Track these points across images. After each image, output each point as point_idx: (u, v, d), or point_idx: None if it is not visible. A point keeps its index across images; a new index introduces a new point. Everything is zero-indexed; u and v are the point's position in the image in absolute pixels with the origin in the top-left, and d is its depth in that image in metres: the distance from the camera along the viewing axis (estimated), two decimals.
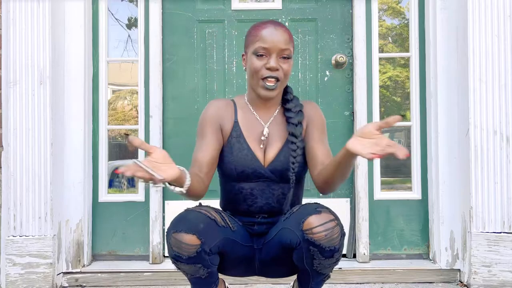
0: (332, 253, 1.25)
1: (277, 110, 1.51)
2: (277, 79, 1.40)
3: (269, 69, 1.38)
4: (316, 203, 1.34)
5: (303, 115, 1.48)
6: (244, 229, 1.48)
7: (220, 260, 1.39)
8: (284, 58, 1.40)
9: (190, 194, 1.31)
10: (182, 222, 1.27)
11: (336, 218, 1.27)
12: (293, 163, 1.42)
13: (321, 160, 1.43)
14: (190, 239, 1.24)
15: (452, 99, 2.23)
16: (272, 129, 1.48)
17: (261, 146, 1.46)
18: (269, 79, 1.39)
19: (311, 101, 1.56)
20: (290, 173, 1.42)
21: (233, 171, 1.45)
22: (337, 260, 1.30)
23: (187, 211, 1.32)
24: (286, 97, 1.50)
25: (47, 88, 2.13)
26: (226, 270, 1.47)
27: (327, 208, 1.29)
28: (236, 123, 1.48)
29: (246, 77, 1.48)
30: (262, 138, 1.46)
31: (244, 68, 1.48)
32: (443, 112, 2.23)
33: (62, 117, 2.25)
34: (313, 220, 1.24)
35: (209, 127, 1.47)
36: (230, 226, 1.38)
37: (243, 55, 1.49)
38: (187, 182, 1.25)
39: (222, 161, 1.47)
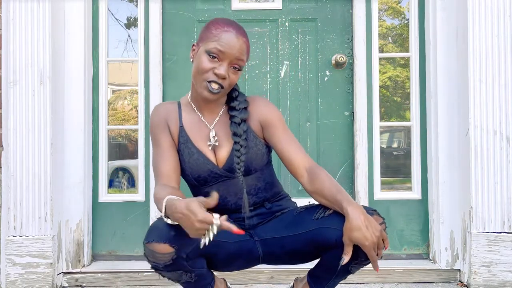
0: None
1: (222, 110, 1.48)
2: (222, 86, 1.36)
3: (216, 75, 1.34)
4: (364, 205, 1.34)
5: (247, 113, 1.44)
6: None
7: (211, 260, 1.39)
8: (235, 68, 1.37)
9: None
10: (153, 232, 1.26)
11: (384, 221, 1.29)
12: (238, 163, 1.39)
13: (302, 165, 1.40)
14: (162, 248, 1.23)
15: (452, 99, 2.23)
16: (219, 129, 1.46)
17: (209, 148, 1.44)
18: (213, 83, 1.35)
19: (261, 97, 1.50)
20: (236, 173, 1.41)
21: (190, 177, 1.44)
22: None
23: (159, 219, 1.31)
24: (231, 95, 1.46)
25: (47, 88, 2.13)
26: (223, 267, 1.46)
27: (375, 210, 1.31)
28: (181, 128, 1.46)
29: (192, 71, 1.42)
30: (209, 143, 1.44)
31: (191, 60, 1.43)
32: (443, 112, 2.23)
33: (62, 117, 2.25)
34: None
35: (161, 133, 1.44)
36: None
37: (193, 45, 1.43)
38: None
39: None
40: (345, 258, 1.20)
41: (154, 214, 2.33)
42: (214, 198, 1.16)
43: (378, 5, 2.41)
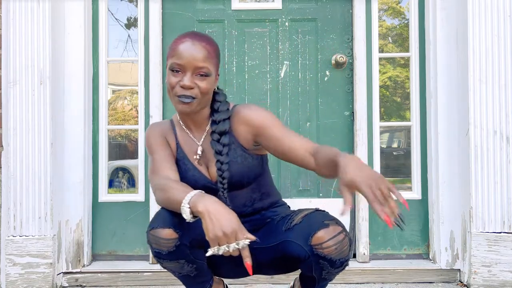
0: (342, 264, 1.26)
1: (209, 125, 1.44)
2: (192, 97, 1.32)
3: (182, 87, 1.31)
4: (321, 212, 1.31)
5: (227, 124, 1.38)
6: None
7: (209, 259, 1.39)
8: (202, 75, 1.32)
9: None
10: (157, 219, 1.27)
11: (344, 229, 1.25)
12: (221, 182, 1.36)
13: (307, 152, 1.32)
14: (167, 234, 1.24)
15: (452, 99, 2.23)
16: (207, 145, 1.43)
17: (200, 164, 1.43)
18: (183, 96, 1.32)
19: (246, 105, 1.42)
20: (220, 191, 1.37)
21: None
22: (345, 267, 1.29)
23: (162, 208, 1.32)
24: (214, 107, 1.41)
25: (47, 88, 2.13)
26: (217, 269, 1.46)
27: (333, 219, 1.27)
28: (178, 144, 1.46)
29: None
30: (195, 157, 1.43)
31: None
32: (443, 112, 2.23)
33: (62, 117, 2.25)
34: (322, 235, 1.22)
35: (161, 145, 1.43)
36: None
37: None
38: None
39: None
40: (345, 208, 1.07)
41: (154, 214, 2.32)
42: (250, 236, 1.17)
43: (378, 5, 2.41)
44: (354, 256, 2.36)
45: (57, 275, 2.17)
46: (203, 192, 1.22)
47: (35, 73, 2.12)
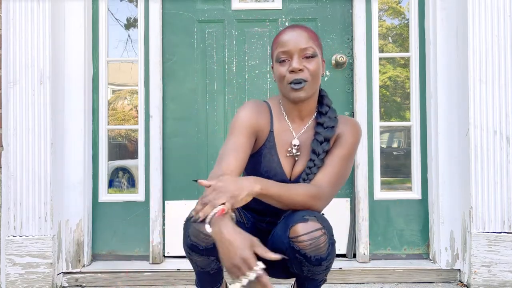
0: (319, 262, 1.23)
1: (311, 122, 1.45)
2: (304, 80, 1.33)
3: (292, 71, 1.33)
4: (308, 210, 1.30)
5: (334, 133, 1.39)
6: (255, 226, 1.47)
7: None
8: (308, 57, 1.34)
9: None
10: None
11: (324, 226, 1.23)
12: (304, 180, 1.37)
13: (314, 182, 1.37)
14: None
15: (452, 99, 2.23)
16: (303, 140, 1.43)
17: (287, 155, 1.42)
18: (294, 83, 1.33)
19: (352, 119, 1.45)
20: None
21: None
22: (328, 268, 1.27)
23: None
24: (321, 110, 1.42)
25: (47, 88, 2.13)
26: None
27: (315, 216, 1.25)
28: (271, 132, 1.43)
29: (278, 87, 1.42)
30: (289, 149, 1.42)
31: (274, 80, 1.43)
32: (443, 112, 2.23)
33: (62, 117, 2.25)
34: (299, 229, 1.22)
35: (246, 131, 1.37)
36: (244, 222, 1.38)
37: (272, 67, 1.44)
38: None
39: (249, 166, 1.44)
40: None
41: (154, 214, 2.32)
42: (271, 256, 1.11)
43: (378, 5, 2.41)
44: (354, 256, 2.36)
45: (57, 275, 2.17)
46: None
47: (35, 73, 2.12)
